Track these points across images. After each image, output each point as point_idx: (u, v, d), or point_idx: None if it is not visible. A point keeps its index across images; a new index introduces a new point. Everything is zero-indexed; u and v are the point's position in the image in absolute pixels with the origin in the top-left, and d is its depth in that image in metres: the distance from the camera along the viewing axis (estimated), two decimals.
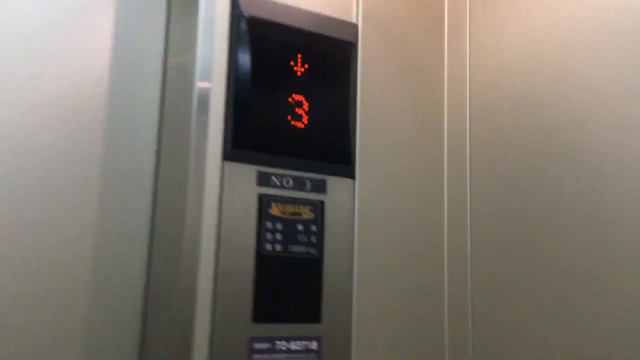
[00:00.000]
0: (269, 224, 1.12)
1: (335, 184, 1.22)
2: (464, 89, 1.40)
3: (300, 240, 1.15)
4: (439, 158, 1.38)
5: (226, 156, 1.10)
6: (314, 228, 1.17)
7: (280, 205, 1.14)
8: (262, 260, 1.10)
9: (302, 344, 1.12)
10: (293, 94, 1.18)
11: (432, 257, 1.33)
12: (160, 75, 1.19)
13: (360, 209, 1.24)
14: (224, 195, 1.09)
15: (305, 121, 1.18)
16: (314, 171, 1.19)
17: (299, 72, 1.19)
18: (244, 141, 1.12)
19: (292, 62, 1.19)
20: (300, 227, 1.16)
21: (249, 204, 1.11)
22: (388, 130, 1.31)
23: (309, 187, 1.18)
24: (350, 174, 1.24)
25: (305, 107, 1.19)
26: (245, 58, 1.13)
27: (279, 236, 1.13)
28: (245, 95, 1.12)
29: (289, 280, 1.13)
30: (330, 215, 1.20)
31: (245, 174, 1.12)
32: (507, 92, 1.30)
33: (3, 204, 1.02)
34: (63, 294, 1.05)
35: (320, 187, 1.20)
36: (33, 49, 1.07)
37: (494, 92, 1.33)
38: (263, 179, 1.13)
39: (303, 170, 1.18)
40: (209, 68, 1.09)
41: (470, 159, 1.36)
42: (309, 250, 1.16)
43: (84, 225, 1.09)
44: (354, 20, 1.30)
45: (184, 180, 1.07)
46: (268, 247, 1.11)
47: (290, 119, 1.17)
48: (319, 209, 1.18)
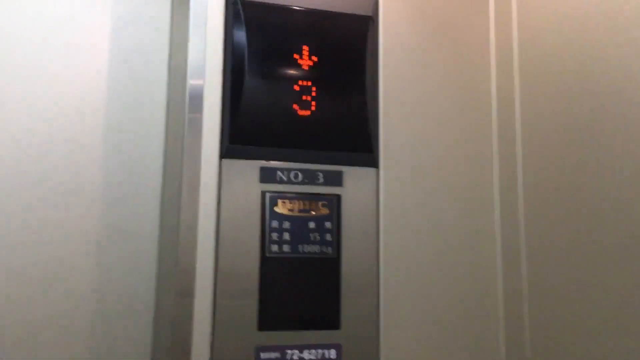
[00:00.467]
0: (274, 223, 1.04)
1: (354, 175, 1.10)
2: (510, 60, 1.19)
3: (312, 239, 1.05)
4: (484, 141, 1.20)
5: (223, 154, 1.03)
6: (328, 225, 1.06)
7: (287, 202, 1.05)
8: (268, 262, 1.02)
9: (318, 353, 1.03)
10: (299, 81, 1.08)
11: (479, 253, 1.16)
12: (166, 77, 1.16)
13: (386, 201, 1.11)
14: (223, 195, 1.02)
15: (313, 108, 1.08)
16: (327, 162, 1.09)
17: (305, 56, 1.09)
18: (243, 136, 1.04)
19: (297, 46, 1.09)
20: (312, 225, 1.06)
21: (251, 202, 1.03)
22: (418, 111, 1.16)
23: (321, 181, 1.08)
24: (372, 163, 1.11)
25: (313, 93, 1.08)
26: (241, 46, 1.06)
27: (286, 236, 1.04)
28: (243, 86, 1.05)
29: (300, 282, 1.04)
30: (349, 209, 1.08)
31: (246, 171, 1.04)
32: (559, 77, 1.09)
33: (9, 207, 1.04)
34: (71, 303, 1.06)
35: (335, 180, 1.09)
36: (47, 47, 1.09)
37: (545, 68, 1.12)
38: (267, 175, 1.05)
39: (314, 162, 1.08)
40: (202, 61, 1.03)
41: (522, 141, 1.16)
42: (324, 249, 1.05)
43: (91, 228, 1.08)
44: None
45: (180, 181, 1.02)
46: (274, 248, 1.03)
47: (297, 107, 1.07)
48: (334, 203, 1.07)
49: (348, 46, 1.12)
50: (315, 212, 1.06)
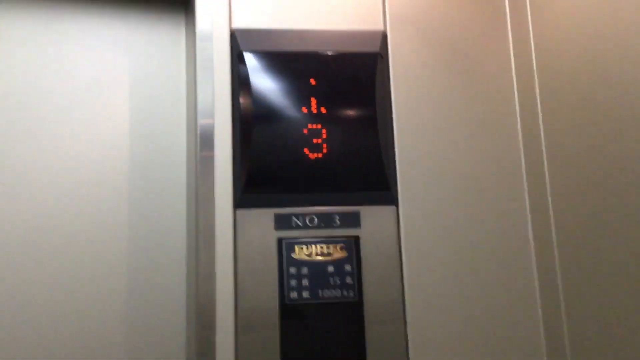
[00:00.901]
0: (292, 270, 1.03)
1: (371, 215, 1.08)
2: (533, 86, 1.14)
3: (332, 283, 1.03)
4: (510, 167, 1.15)
5: (237, 203, 1.04)
6: (348, 268, 1.04)
7: (304, 247, 1.04)
8: (288, 310, 1.01)
9: None
10: (308, 124, 1.08)
11: (512, 283, 1.10)
12: (185, 131, 1.19)
13: (408, 238, 1.08)
14: (239, 244, 1.02)
15: (324, 150, 1.07)
16: (343, 204, 1.07)
17: (313, 100, 1.09)
18: (256, 185, 1.05)
19: (303, 90, 1.09)
20: (331, 269, 1.04)
21: (267, 250, 1.03)
22: (436, 143, 1.13)
23: (338, 223, 1.06)
24: (390, 201, 1.09)
25: (324, 135, 1.08)
26: (248, 96, 1.07)
27: (305, 281, 1.03)
28: (252, 134, 1.06)
29: (323, 329, 1.02)
30: (368, 250, 1.06)
31: (261, 219, 1.04)
32: (581, 107, 1.03)
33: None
34: None
35: (352, 221, 1.07)
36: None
37: (565, 97, 1.07)
38: (282, 222, 1.05)
39: (329, 204, 1.07)
40: (210, 105, 1.06)
41: (547, 163, 1.10)
42: (345, 293, 1.03)
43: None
44: (380, 27, 1.16)
45: (196, 232, 1.04)
46: (293, 295, 1.02)
47: (307, 151, 1.07)
48: (352, 245, 1.05)
49: (356, 85, 1.12)
50: (333, 256, 1.05)
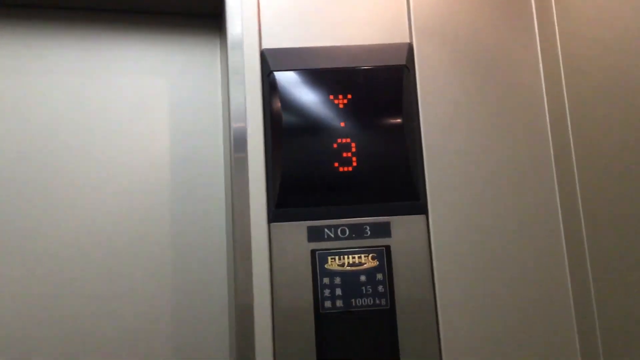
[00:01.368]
0: (326, 280, 1.07)
1: (401, 224, 1.10)
2: (561, 91, 1.14)
3: (364, 292, 1.07)
4: (541, 173, 1.15)
5: (271, 218, 1.09)
6: (380, 277, 1.08)
7: (337, 258, 1.08)
8: (323, 320, 1.05)
9: None
10: (337, 139, 1.12)
11: (548, 289, 1.11)
12: (222, 151, 1.25)
13: (439, 246, 1.10)
14: (274, 257, 1.07)
15: (354, 164, 1.11)
16: (373, 214, 1.10)
17: (341, 114, 1.13)
18: (288, 200, 1.09)
19: (332, 106, 1.13)
20: (363, 278, 1.08)
21: (301, 262, 1.07)
22: (465, 152, 1.14)
23: (368, 233, 1.10)
24: (420, 210, 1.11)
25: (353, 149, 1.11)
26: (279, 114, 1.12)
27: (338, 291, 1.07)
28: (283, 153, 1.10)
29: (356, 337, 1.05)
30: (399, 259, 1.09)
31: (295, 232, 1.09)
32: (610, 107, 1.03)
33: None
34: None
35: (382, 231, 1.10)
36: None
37: (594, 103, 1.07)
38: (314, 234, 1.09)
39: (359, 215, 1.10)
40: (243, 134, 1.11)
41: (577, 168, 1.10)
42: (377, 301, 1.07)
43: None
44: (405, 40, 1.18)
45: (233, 246, 1.09)
46: (327, 305, 1.06)
47: (337, 164, 1.11)
48: (383, 254, 1.09)
49: (383, 98, 1.14)
50: (365, 265, 1.08)
